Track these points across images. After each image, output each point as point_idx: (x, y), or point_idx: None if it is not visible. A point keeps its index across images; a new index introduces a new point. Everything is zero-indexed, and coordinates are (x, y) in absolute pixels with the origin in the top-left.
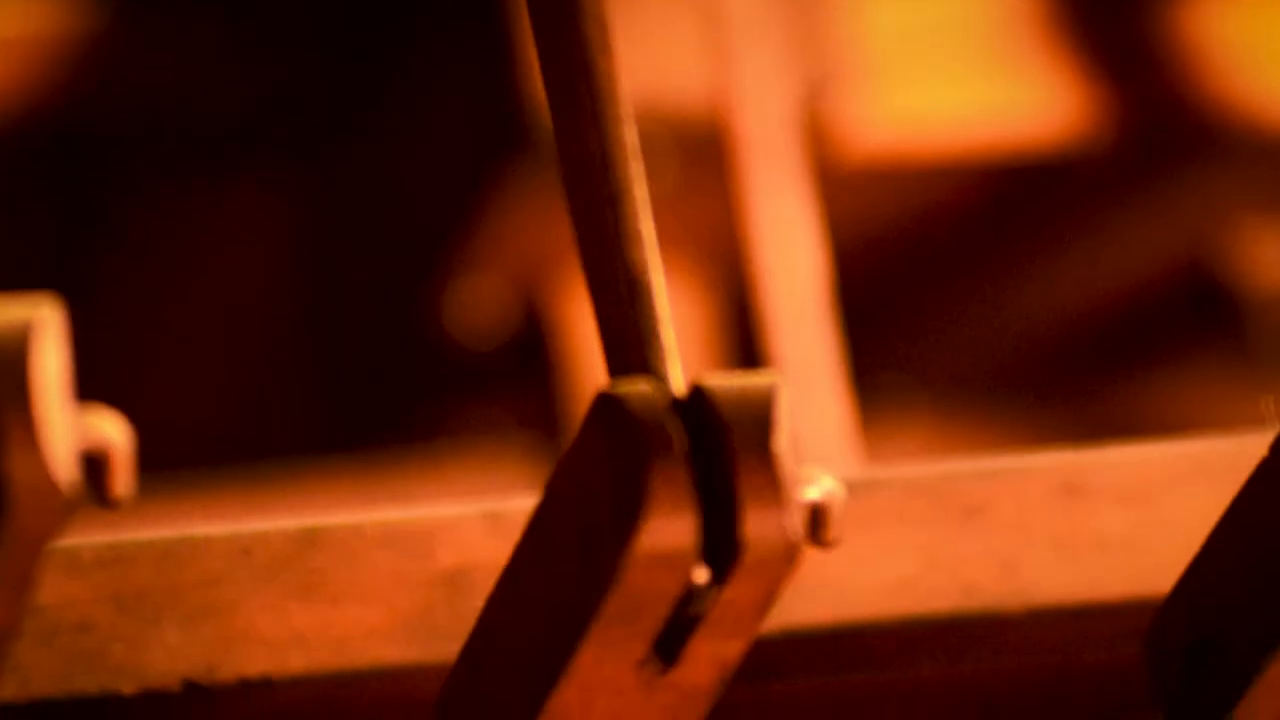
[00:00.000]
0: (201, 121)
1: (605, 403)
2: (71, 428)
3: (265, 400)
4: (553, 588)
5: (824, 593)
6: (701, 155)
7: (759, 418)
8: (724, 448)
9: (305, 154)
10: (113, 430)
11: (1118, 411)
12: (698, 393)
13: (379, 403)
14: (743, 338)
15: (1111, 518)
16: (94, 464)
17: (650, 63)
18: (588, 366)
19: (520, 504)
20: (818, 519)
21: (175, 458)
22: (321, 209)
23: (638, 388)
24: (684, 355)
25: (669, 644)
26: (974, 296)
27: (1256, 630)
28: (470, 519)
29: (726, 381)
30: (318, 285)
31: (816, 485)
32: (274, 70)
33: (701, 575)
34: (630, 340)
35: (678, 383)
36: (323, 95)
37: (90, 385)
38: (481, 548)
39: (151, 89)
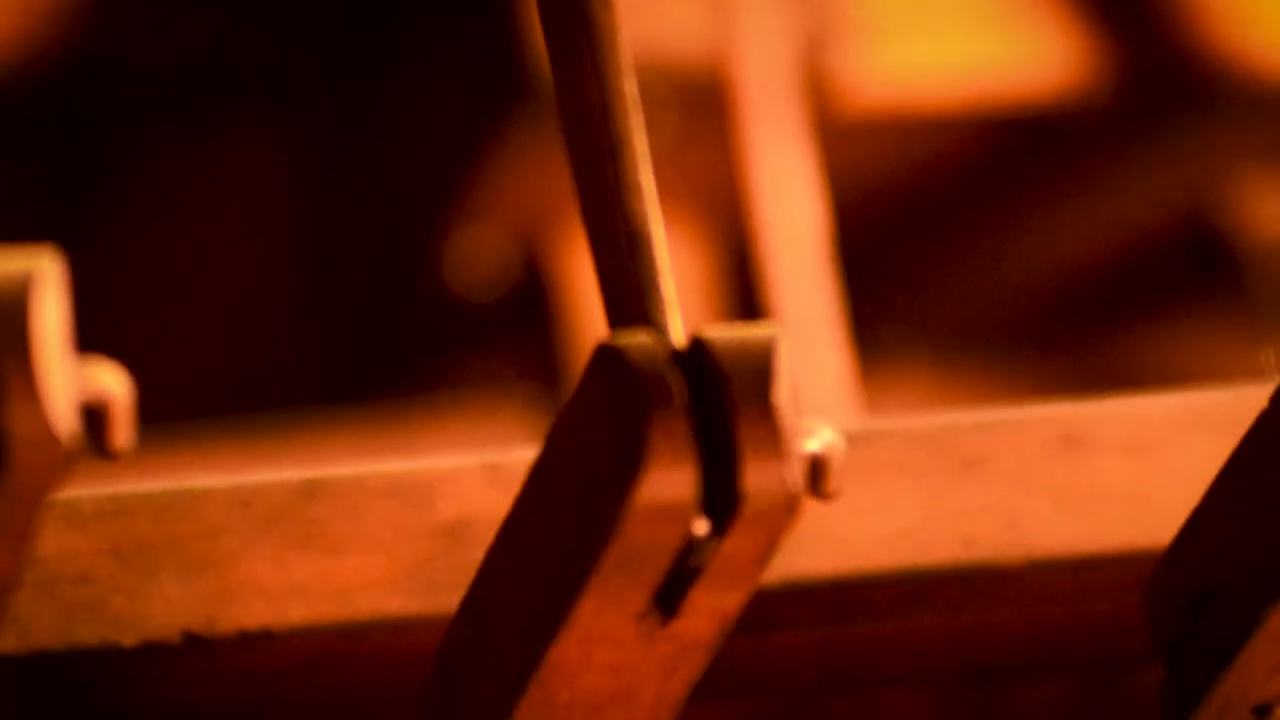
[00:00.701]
0: (201, 74)
1: (605, 354)
2: (71, 379)
3: (265, 352)
4: (552, 539)
5: (824, 544)
6: (702, 108)
7: (759, 369)
8: (724, 399)
9: (305, 106)
10: (113, 382)
11: (1117, 363)
12: (698, 344)
13: (379, 354)
14: (742, 289)
15: (1111, 469)
16: (94, 415)
17: (650, 15)
18: (588, 318)
19: (520, 456)
20: (818, 470)
21: (175, 409)
22: (322, 161)
23: (638, 339)
24: (684, 307)
25: (669, 596)
26: (974, 249)
27: (1256, 581)
28: (470, 470)
29: (726, 333)
30: (318, 237)
31: (816, 437)
32: (273, 22)
33: (701, 527)
34: (630, 292)
35: (678, 334)
36: (322, 47)
37: (90, 337)
38: (481, 499)
39: (151, 40)
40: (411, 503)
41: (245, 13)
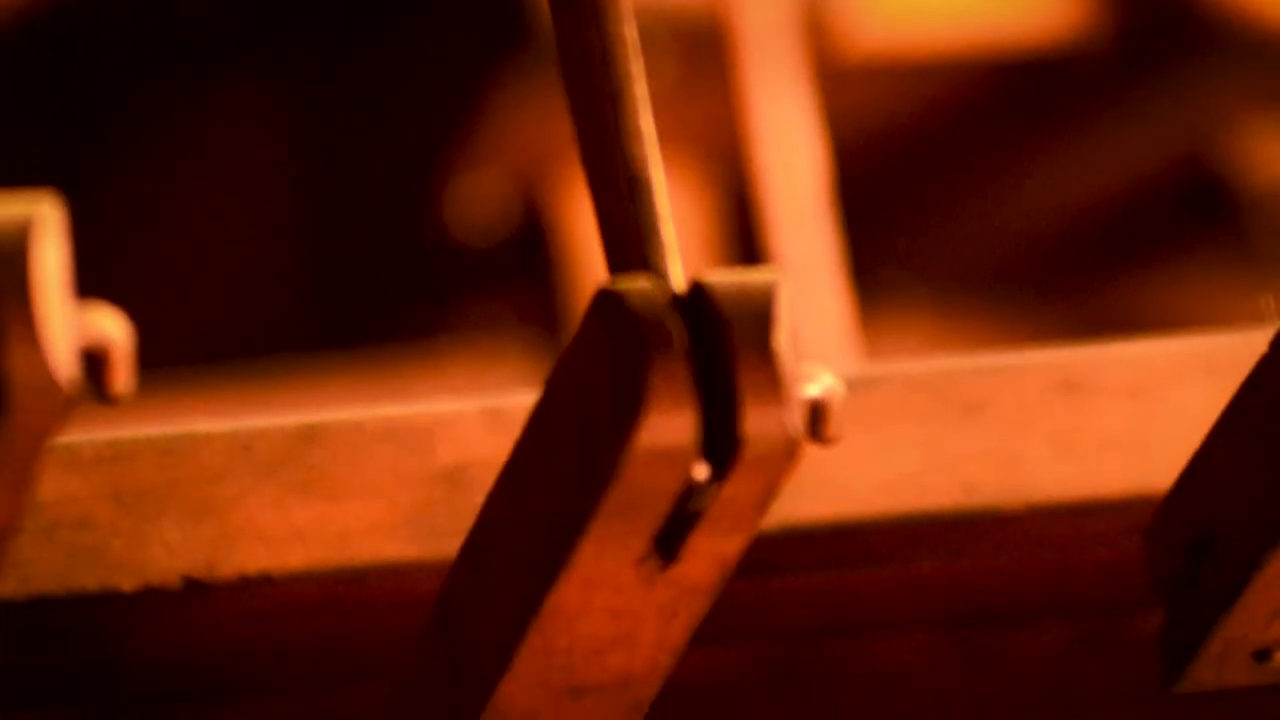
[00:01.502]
0: (203, 20)
1: (605, 299)
2: (71, 324)
3: (266, 297)
4: (552, 484)
5: (824, 489)
6: (702, 53)
7: (759, 314)
8: (724, 344)
9: (306, 51)
10: (113, 326)
11: (1118, 308)
12: (698, 289)
13: (379, 299)
14: (743, 234)
15: (1111, 414)
16: (94, 360)
17: None
18: (588, 263)
19: (520, 400)
20: (818, 415)
21: (176, 354)
22: (322, 106)
23: (638, 284)
24: (684, 252)
25: (669, 540)
26: (974, 193)
27: (1256, 526)
28: (470, 415)
29: (726, 278)
30: (319, 182)
31: (816, 382)
32: None
33: (701, 472)
34: (630, 237)
35: (678, 279)
36: None
37: (90, 282)
38: (481, 444)
39: None
40: (411, 448)
41: None
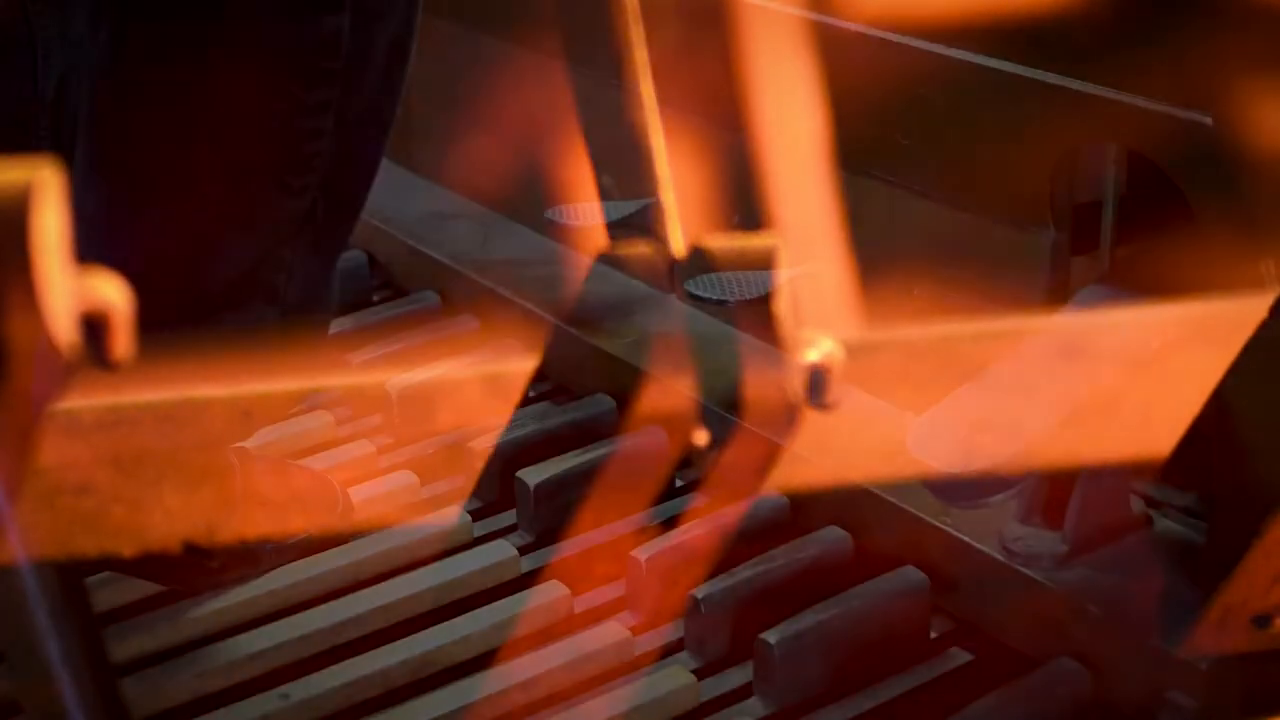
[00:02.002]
0: None
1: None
2: (71, 290)
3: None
4: None
5: (823, 456)
6: (702, 18)
7: (759, 279)
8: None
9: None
10: (111, 293)
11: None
12: (698, 254)
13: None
14: (743, 199)
15: (1112, 380)
16: (93, 327)
17: None
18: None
19: (519, 367)
20: (817, 381)
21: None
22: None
23: (638, 249)
24: (684, 217)
25: (670, 507)
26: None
27: (1256, 492)
28: (470, 381)
29: (727, 243)
30: None
31: (817, 347)
32: None
33: (702, 438)
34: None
35: (678, 244)
36: None
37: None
38: (481, 409)
39: None
40: (411, 414)
41: None
